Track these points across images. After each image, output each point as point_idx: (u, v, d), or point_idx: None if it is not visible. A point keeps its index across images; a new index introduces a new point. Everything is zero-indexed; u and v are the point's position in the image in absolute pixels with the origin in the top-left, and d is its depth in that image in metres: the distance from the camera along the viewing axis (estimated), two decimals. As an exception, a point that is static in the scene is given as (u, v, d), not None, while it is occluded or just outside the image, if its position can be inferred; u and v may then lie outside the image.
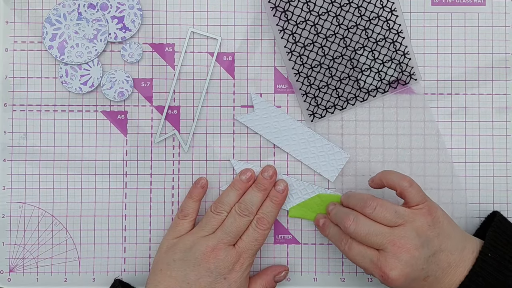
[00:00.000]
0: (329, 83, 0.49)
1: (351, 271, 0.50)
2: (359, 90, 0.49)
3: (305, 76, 0.49)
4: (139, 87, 0.50)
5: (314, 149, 0.50)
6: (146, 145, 0.50)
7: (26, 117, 0.50)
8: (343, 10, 0.48)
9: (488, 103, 0.51)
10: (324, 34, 0.48)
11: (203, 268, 0.43)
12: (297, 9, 0.48)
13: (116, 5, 0.50)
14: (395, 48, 0.49)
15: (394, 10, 0.48)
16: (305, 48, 0.49)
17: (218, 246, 0.44)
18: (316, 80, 0.49)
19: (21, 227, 0.50)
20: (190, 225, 0.47)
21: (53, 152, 0.50)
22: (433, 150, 0.50)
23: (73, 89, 0.50)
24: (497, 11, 0.51)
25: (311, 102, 0.49)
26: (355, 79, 0.49)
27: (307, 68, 0.49)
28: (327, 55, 0.49)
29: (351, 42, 0.49)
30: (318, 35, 0.48)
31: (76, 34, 0.49)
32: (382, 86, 0.49)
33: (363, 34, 0.48)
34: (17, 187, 0.50)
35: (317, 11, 0.48)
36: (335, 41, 0.49)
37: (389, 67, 0.49)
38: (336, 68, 0.49)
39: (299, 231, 0.50)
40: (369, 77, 0.49)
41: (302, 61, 0.49)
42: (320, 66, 0.49)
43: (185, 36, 0.50)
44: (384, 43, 0.49)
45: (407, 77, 0.49)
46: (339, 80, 0.49)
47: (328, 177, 0.50)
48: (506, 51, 0.51)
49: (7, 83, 0.50)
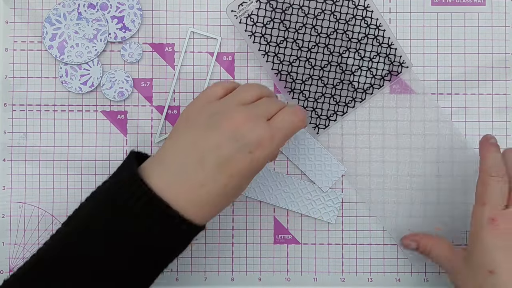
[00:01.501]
0: (324, 92, 0.49)
1: (351, 271, 0.50)
2: (355, 91, 0.50)
3: (299, 91, 0.49)
4: (139, 87, 0.50)
5: (312, 157, 0.50)
6: (146, 145, 0.50)
7: (26, 117, 0.50)
8: (319, 19, 0.48)
9: (488, 103, 0.51)
10: (307, 47, 0.49)
11: (227, 132, 0.37)
12: (275, 30, 0.48)
13: (116, 5, 0.50)
14: (379, 42, 0.49)
15: (368, 6, 0.48)
16: (292, 65, 0.49)
17: (250, 116, 0.38)
18: (311, 92, 0.49)
19: (21, 227, 0.50)
20: (223, 92, 0.41)
21: (53, 152, 0.50)
22: (433, 150, 0.50)
23: (73, 89, 0.50)
24: (497, 11, 0.51)
25: (312, 115, 0.50)
26: (348, 82, 0.49)
27: (298, 83, 0.49)
28: (315, 66, 0.49)
29: (335, 48, 0.49)
30: (301, 49, 0.49)
31: (76, 34, 0.49)
32: (376, 82, 0.50)
33: (344, 37, 0.49)
34: (17, 187, 0.50)
35: (294, 27, 0.48)
36: (319, 51, 0.49)
37: (378, 61, 0.49)
38: (327, 76, 0.49)
39: (299, 231, 0.50)
40: (361, 76, 0.49)
41: (292, 78, 0.49)
42: (311, 79, 0.49)
43: (185, 36, 0.50)
44: (367, 41, 0.49)
45: (398, 67, 0.50)
46: (333, 87, 0.49)
47: (321, 186, 0.50)
48: (506, 51, 0.51)
49: (7, 83, 0.50)
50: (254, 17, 0.48)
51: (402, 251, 0.50)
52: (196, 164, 0.37)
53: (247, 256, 0.50)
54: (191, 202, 0.37)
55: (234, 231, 0.50)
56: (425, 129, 0.50)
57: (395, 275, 0.50)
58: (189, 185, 0.37)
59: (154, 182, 0.37)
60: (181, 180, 0.37)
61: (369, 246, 0.50)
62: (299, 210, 0.50)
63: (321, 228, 0.50)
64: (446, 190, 0.50)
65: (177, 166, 0.37)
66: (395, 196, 0.50)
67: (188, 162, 0.37)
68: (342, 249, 0.50)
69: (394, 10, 0.51)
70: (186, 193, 0.37)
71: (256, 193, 0.50)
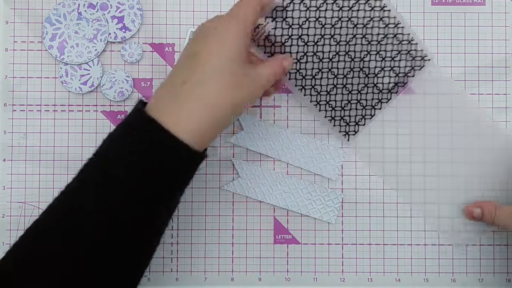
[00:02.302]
0: (350, 99, 0.49)
1: (351, 271, 0.50)
2: (380, 92, 0.49)
3: (325, 102, 0.49)
4: (139, 87, 0.50)
5: (310, 152, 0.50)
6: (146, 145, 0.50)
7: (26, 117, 0.50)
8: (337, 28, 0.47)
9: (488, 103, 0.51)
10: (328, 57, 0.48)
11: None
12: (294, 46, 0.47)
13: (116, 5, 0.50)
14: (399, 40, 0.48)
15: (385, 6, 0.48)
16: (315, 78, 0.48)
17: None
18: (337, 101, 0.49)
19: (21, 227, 0.50)
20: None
21: (53, 152, 0.50)
22: (433, 150, 0.50)
23: (73, 89, 0.50)
24: (497, 11, 0.51)
25: (340, 123, 0.50)
26: (373, 84, 0.49)
27: (323, 95, 0.49)
28: (338, 75, 0.48)
29: (355, 54, 0.48)
30: (321, 61, 0.48)
31: (76, 34, 0.49)
32: (400, 80, 0.49)
33: (363, 41, 0.48)
34: (17, 187, 0.50)
35: (313, 40, 0.47)
36: (340, 59, 0.48)
37: (400, 59, 0.49)
38: (351, 83, 0.49)
39: (299, 231, 0.50)
40: (385, 77, 0.49)
41: (317, 90, 0.49)
42: (335, 88, 0.49)
43: (185, 36, 0.50)
44: (386, 41, 0.48)
45: (421, 61, 0.49)
46: (358, 92, 0.49)
47: (329, 176, 0.50)
48: (506, 51, 0.51)
49: (7, 83, 0.50)
50: (272, 38, 0.46)
51: (444, 238, 0.50)
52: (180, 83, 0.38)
53: (247, 256, 0.50)
54: (178, 116, 0.37)
55: (234, 231, 0.50)
56: (466, 129, 0.50)
57: (395, 275, 0.50)
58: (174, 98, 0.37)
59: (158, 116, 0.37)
60: (170, 99, 0.37)
61: (369, 246, 0.50)
62: (299, 210, 0.50)
63: (321, 228, 0.50)
64: (488, 190, 0.50)
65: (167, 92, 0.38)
66: (437, 197, 0.50)
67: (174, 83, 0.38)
68: (342, 249, 0.50)
69: (394, 10, 0.51)
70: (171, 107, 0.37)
71: (256, 193, 0.50)
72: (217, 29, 0.39)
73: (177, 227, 0.50)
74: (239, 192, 0.50)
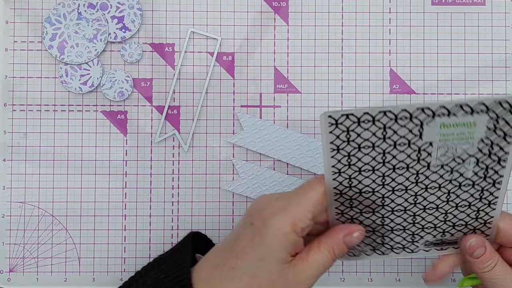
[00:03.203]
0: (376, 229, 0.39)
1: (351, 271, 0.50)
2: (412, 243, 0.40)
3: (349, 218, 0.38)
4: (139, 87, 0.50)
5: (310, 152, 0.50)
6: (146, 145, 0.50)
7: (26, 117, 0.50)
8: (430, 171, 0.35)
9: (488, 103, 0.51)
10: (392, 187, 0.36)
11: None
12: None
13: (116, 5, 0.50)
14: (481, 196, 0.37)
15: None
16: (362, 194, 0.37)
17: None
18: (362, 224, 0.38)
19: (21, 227, 0.50)
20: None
21: (53, 152, 0.50)
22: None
23: (73, 89, 0.50)
24: (497, 11, 0.51)
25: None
26: (411, 233, 0.39)
27: (355, 212, 0.38)
28: (386, 205, 0.37)
29: (423, 201, 0.37)
30: (384, 186, 0.36)
31: (76, 34, 0.49)
32: (444, 244, 0.40)
33: (443, 197, 0.37)
34: (17, 187, 0.50)
35: (393, 164, 0.35)
36: (403, 195, 0.37)
37: (465, 222, 0.38)
38: (391, 219, 0.38)
39: (299, 231, 0.50)
40: (429, 234, 0.39)
41: (352, 204, 0.37)
42: (372, 213, 0.38)
43: (185, 36, 0.50)
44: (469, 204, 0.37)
45: (480, 224, 0.38)
46: (391, 230, 0.39)
47: None
48: (506, 51, 0.51)
49: (7, 83, 0.50)
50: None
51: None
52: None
53: (247, 256, 0.50)
54: None
55: (234, 231, 0.50)
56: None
57: (395, 275, 0.50)
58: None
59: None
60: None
61: (369, 246, 0.50)
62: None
63: (321, 228, 0.50)
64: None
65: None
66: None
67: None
68: (342, 249, 0.50)
69: (394, 10, 0.51)
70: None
71: (256, 193, 0.50)
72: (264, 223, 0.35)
73: (177, 227, 0.50)
74: (239, 192, 0.50)
